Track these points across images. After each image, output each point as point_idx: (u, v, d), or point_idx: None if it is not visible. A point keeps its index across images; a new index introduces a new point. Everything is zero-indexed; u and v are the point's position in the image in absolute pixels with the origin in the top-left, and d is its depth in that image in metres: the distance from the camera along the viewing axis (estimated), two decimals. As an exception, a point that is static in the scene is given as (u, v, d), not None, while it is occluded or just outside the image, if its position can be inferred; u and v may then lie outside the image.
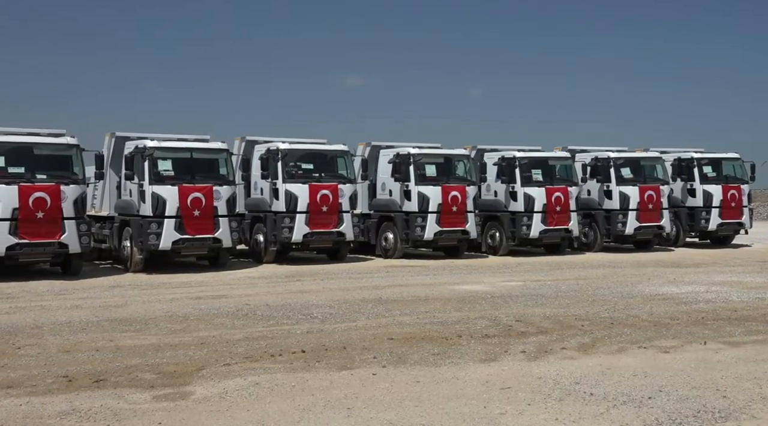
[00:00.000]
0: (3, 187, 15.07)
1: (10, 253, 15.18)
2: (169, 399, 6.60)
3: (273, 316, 11.05)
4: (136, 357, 8.19)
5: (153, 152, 16.93)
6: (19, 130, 16.38)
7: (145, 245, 16.77)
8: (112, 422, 5.91)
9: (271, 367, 7.77)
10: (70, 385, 7.01)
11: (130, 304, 12.24)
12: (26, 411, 6.16)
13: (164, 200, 16.77)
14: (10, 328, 9.93)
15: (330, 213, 18.87)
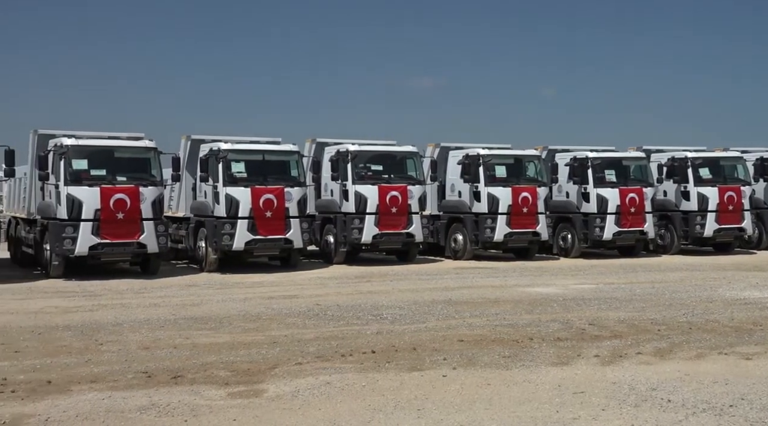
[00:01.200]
0: (86, 189, 15.69)
1: (92, 253, 15.80)
2: (243, 396, 6.74)
3: (343, 316, 11.15)
4: (211, 355, 8.40)
5: (227, 154, 17.33)
6: (101, 134, 17.04)
7: (219, 245, 17.18)
8: (189, 418, 6.07)
9: (342, 366, 7.85)
10: (149, 380, 7.24)
11: (205, 303, 12.55)
12: (108, 405, 6.39)
13: (237, 202, 17.14)
14: (93, 324, 10.32)
15: (399, 214, 18.92)
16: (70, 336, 9.48)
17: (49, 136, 16.94)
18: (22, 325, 10.26)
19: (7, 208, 20.69)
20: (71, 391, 6.79)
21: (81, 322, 10.47)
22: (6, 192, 20.71)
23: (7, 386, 6.90)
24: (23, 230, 18.62)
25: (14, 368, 7.64)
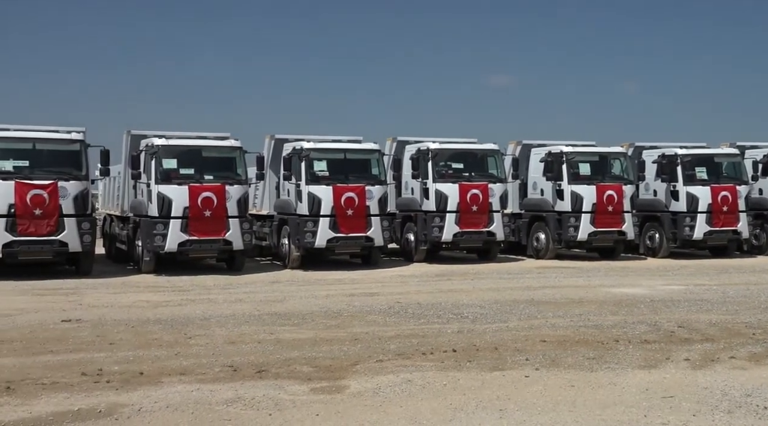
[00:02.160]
0: (175, 187, 16.23)
1: (181, 249, 16.33)
2: (326, 392, 6.83)
3: (424, 314, 11.15)
4: (294, 350, 8.54)
5: (309, 153, 17.60)
6: (189, 134, 17.59)
7: (301, 243, 17.47)
8: (274, 411, 6.20)
9: (423, 365, 7.85)
10: (235, 374, 7.42)
11: (288, 300, 12.79)
12: (197, 397, 6.60)
13: (319, 200, 17.39)
14: (182, 319, 10.67)
15: (480, 212, 18.78)
16: (160, 329, 9.83)
17: (141, 136, 17.61)
18: (116, 318, 10.70)
19: (103, 206, 21.64)
20: (162, 383, 7.04)
21: (170, 316, 10.84)
22: (101, 190, 21.65)
23: (103, 376, 7.21)
24: (117, 227, 19.44)
25: (109, 359, 7.98)
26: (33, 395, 6.55)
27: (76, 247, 15.53)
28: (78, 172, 15.80)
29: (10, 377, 7.11)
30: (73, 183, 15.55)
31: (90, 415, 6.01)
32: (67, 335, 9.35)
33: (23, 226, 15.02)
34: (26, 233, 15.06)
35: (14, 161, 15.45)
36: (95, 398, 6.48)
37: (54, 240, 15.29)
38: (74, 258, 16.15)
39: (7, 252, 15.17)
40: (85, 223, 15.66)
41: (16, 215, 14.99)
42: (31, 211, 15.02)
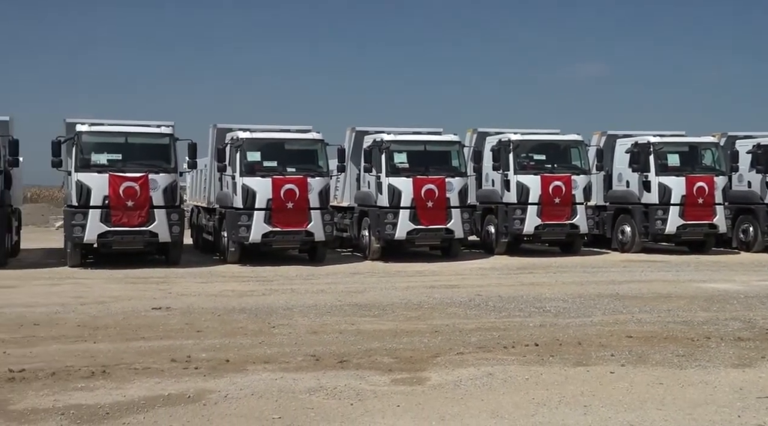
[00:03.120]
0: (259, 179, 16.58)
1: (265, 240, 16.69)
2: (407, 383, 6.84)
3: (505, 307, 11.03)
4: (375, 341, 8.60)
5: (389, 145, 17.65)
6: (273, 128, 17.93)
7: (382, 235, 17.56)
8: (355, 401, 6.26)
9: (504, 358, 7.76)
10: (318, 364, 7.53)
11: (369, 291, 12.88)
12: (280, 385, 6.73)
13: (399, 192, 17.43)
14: (266, 308, 10.91)
15: (563, 205, 18.42)
16: (245, 318, 10.07)
17: (226, 130, 18.06)
18: (203, 306, 11.03)
19: (190, 198, 22.33)
20: (247, 371, 7.21)
21: (255, 306, 11.09)
22: (189, 183, 22.34)
23: (191, 363, 7.45)
24: (204, 218, 20.03)
25: (197, 347, 8.23)
26: (126, 379, 6.83)
27: (166, 237, 16.08)
28: (167, 165, 16.35)
29: (106, 362, 7.44)
30: (163, 175, 16.09)
31: (180, 400, 6.21)
32: (157, 322, 9.70)
33: (116, 217, 15.65)
34: (119, 224, 15.69)
35: (108, 155, 16.09)
36: (184, 384, 6.70)
37: (145, 231, 15.88)
38: (164, 248, 16.73)
39: (102, 242, 15.87)
40: (174, 214, 16.19)
41: (110, 207, 15.63)
42: (123, 202, 15.63)
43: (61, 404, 6.04)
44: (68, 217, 16.02)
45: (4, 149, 16.07)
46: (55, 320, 9.78)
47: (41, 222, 32.66)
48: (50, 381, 6.71)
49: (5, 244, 16.29)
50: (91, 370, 7.09)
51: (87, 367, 7.18)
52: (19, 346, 8.14)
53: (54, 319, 9.83)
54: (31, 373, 6.93)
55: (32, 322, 9.61)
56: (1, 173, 15.93)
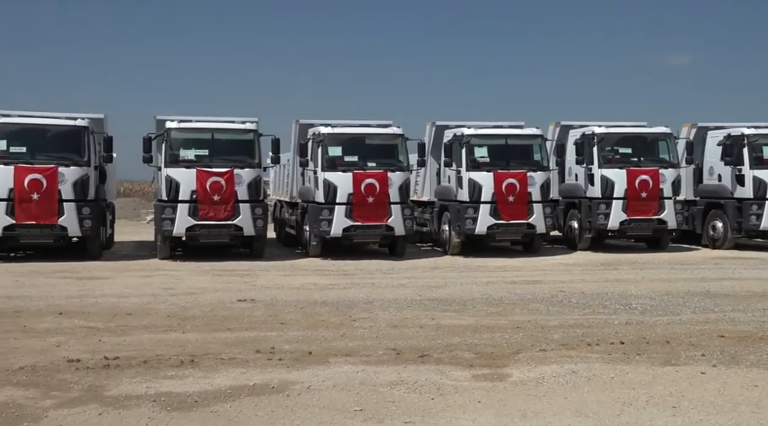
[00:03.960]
0: (340, 174, 16.76)
1: (345, 234, 16.88)
2: (488, 379, 6.79)
3: (589, 304, 10.79)
4: (455, 336, 8.57)
5: (470, 139, 17.53)
6: (353, 122, 18.10)
7: (462, 229, 17.47)
8: (436, 396, 6.25)
9: (588, 356, 7.60)
10: (398, 357, 7.56)
11: (449, 286, 12.84)
12: (362, 378, 6.79)
13: (480, 186, 17.30)
14: (347, 301, 11.03)
15: (650, 199, 17.88)
16: (327, 311, 10.21)
17: (308, 125, 18.34)
18: (286, 299, 11.25)
19: (273, 192, 22.79)
20: (329, 363, 7.31)
21: (336, 299, 11.23)
22: (272, 177, 22.79)
23: (275, 354, 7.60)
24: (286, 212, 20.41)
25: (280, 338, 8.40)
26: (213, 369, 7.03)
27: (250, 231, 16.48)
28: (251, 160, 16.74)
29: (194, 351, 7.68)
30: (248, 170, 16.48)
31: (264, 391, 6.36)
32: (242, 314, 9.95)
33: (203, 211, 16.14)
34: (206, 218, 16.17)
35: (196, 150, 16.59)
36: (268, 374, 6.85)
37: (230, 224, 16.32)
38: (248, 241, 17.14)
39: (190, 235, 16.40)
40: (258, 208, 16.56)
41: (198, 201, 16.12)
42: (210, 197, 16.10)
43: (152, 391, 6.28)
44: (158, 211, 16.61)
45: (99, 146, 16.81)
46: (147, 310, 10.17)
47: (133, 216, 34.02)
48: (142, 369, 6.98)
49: (100, 237, 17.03)
50: (181, 359, 7.34)
51: (176, 356, 7.43)
52: (113, 335, 8.50)
53: (145, 310, 10.22)
54: (125, 361, 7.22)
55: (125, 311, 10.02)
56: (97, 169, 16.65)
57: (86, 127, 16.33)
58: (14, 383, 6.47)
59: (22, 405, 5.88)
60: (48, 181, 15.54)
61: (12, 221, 15.53)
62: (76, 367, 6.96)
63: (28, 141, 16.06)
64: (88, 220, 15.96)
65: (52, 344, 7.96)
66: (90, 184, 16.15)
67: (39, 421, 5.56)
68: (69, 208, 15.77)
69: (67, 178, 15.76)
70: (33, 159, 15.82)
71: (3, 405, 5.86)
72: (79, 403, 5.96)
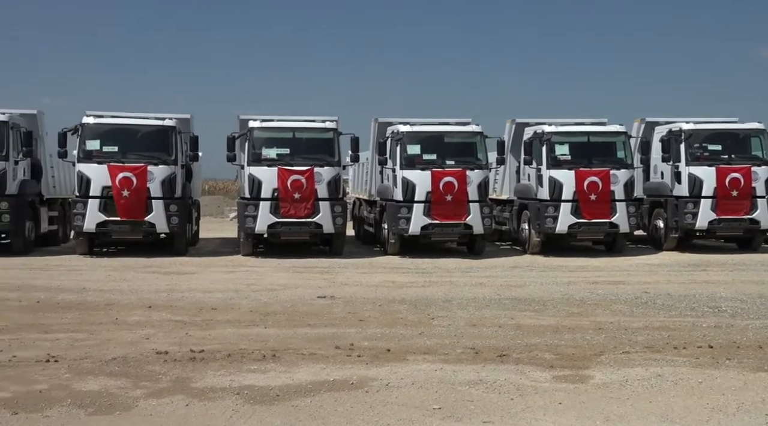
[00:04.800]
0: (419, 172, 16.78)
1: (424, 233, 16.89)
2: (569, 381, 6.67)
3: (675, 306, 10.45)
4: (535, 336, 8.45)
5: (551, 137, 17.24)
6: (432, 121, 18.09)
7: (542, 228, 17.21)
8: (515, 396, 6.19)
9: (675, 360, 7.36)
10: (477, 357, 7.51)
11: (528, 285, 12.68)
12: (440, 376, 6.78)
13: (561, 184, 17.00)
14: (425, 300, 11.03)
15: (741, 198, 17.17)
16: (405, 309, 10.25)
17: (387, 123, 18.43)
18: (365, 296, 11.34)
19: (352, 191, 23.02)
20: (407, 361, 7.33)
21: (415, 297, 11.25)
22: (351, 175, 23.03)
23: (354, 351, 7.68)
24: (365, 210, 20.58)
25: (359, 335, 8.48)
26: (294, 364, 7.16)
27: (330, 228, 16.69)
28: (331, 158, 16.95)
29: (275, 346, 7.84)
30: (327, 169, 16.70)
31: (344, 386, 6.43)
32: (322, 311, 10.09)
33: (285, 209, 16.45)
34: (287, 215, 16.48)
35: (277, 149, 16.93)
36: (348, 371, 6.93)
37: (310, 222, 16.57)
38: (328, 239, 17.37)
39: (271, 232, 16.75)
40: (338, 206, 16.76)
41: (279, 199, 16.45)
42: (291, 195, 16.39)
43: (236, 384, 6.45)
44: (241, 208, 17.02)
45: (185, 145, 17.36)
46: (230, 305, 10.44)
47: (217, 213, 34.99)
48: (226, 362, 7.18)
49: (186, 234, 17.59)
50: (263, 353, 7.51)
51: (259, 351, 7.60)
52: (199, 329, 8.77)
53: (229, 305, 10.50)
54: (210, 354, 7.44)
55: (210, 306, 10.32)
56: (183, 167, 17.20)
57: (174, 126, 16.89)
58: (107, 373, 6.76)
59: (115, 394, 6.14)
60: (138, 180, 16.15)
61: (104, 218, 16.22)
62: (164, 360, 7.22)
63: (119, 141, 16.73)
64: (175, 217, 16.51)
65: (142, 336, 8.28)
66: (177, 182, 16.69)
67: (130, 410, 5.80)
68: (157, 206, 16.35)
69: (155, 176, 16.34)
70: (124, 158, 16.47)
71: (97, 394, 6.14)
72: (167, 393, 6.17)
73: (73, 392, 6.16)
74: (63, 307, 10.11)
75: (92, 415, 5.67)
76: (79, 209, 16.20)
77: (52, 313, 9.65)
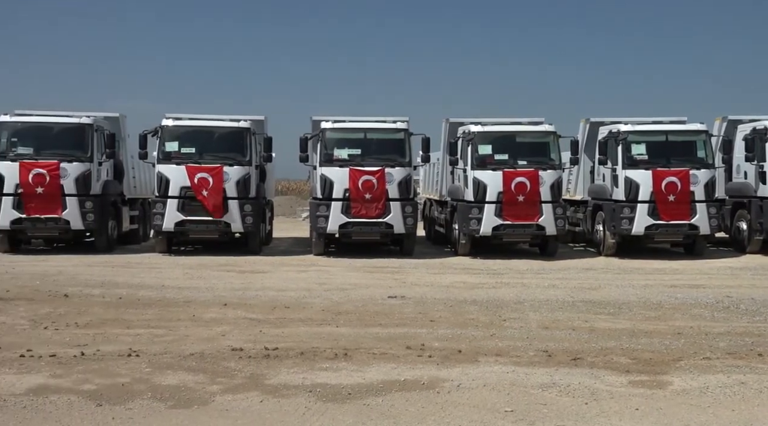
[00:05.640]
0: (490, 172, 16.65)
1: (495, 233, 16.74)
2: (646, 386, 6.50)
3: (760, 311, 10.05)
4: (610, 340, 8.27)
5: (627, 136, 16.84)
6: (504, 120, 17.92)
7: (617, 229, 16.82)
8: (590, 401, 6.06)
9: (760, 367, 7.08)
10: (550, 360, 7.40)
11: (603, 287, 12.41)
12: (512, 379, 6.71)
13: (637, 185, 16.58)
14: (496, 301, 10.93)
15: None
16: (476, 310, 10.18)
17: (458, 124, 18.35)
18: (435, 297, 11.32)
19: (423, 191, 23.01)
20: (479, 362, 7.28)
21: (486, 298, 11.16)
22: (422, 176, 23.03)
23: (425, 351, 7.68)
24: (436, 211, 20.54)
25: (430, 336, 8.46)
26: (365, 363, 7.21)
27: (400, 229, 16.73)
28: (402, 158, 16.99)
29: (347, 345, 7.91)
30: (398, 169, 16.75)
31: (414, 386, 6.44)
32: (392, 310, 10.12)
33: (356, 209, 16.58)
34: (358, 215, 16.60)
35: (349, 150, 17.08)
36: (419, 371, 6.93)
37: (381, 222, 16.65)
38: (398, 239, 17.41)
39: (343, 232, 16.91)
40: (408, 206, 16.78)
41: (350, 199, 16.58)
42: (362, 195, 16.51)
43: (309, 382, 6.54)
44: (313, 208, 17.24)
45: (259, 146, 17.70)
46: (303, 304, 10.59)
47: (289, 213, 35.54)
48: (299, 360, 7.29)
49: (260, 234, 17.93)
50: (335, 352, 7.59)
51: (331, 349, 7.69)
52: (273, 327, 8.93)
53: (301, 303, 10.65)
54: (283, 352, 7.57)
55: (283, 305, 10.49)
56: (257, 168, 17.54)
57: (248, 128, 17.24)
58: (185, 368, 6.96)
59: (192, 389, 6.32)
60: (214, 180, 16.56)
61: (183, 217, 16.69)
62: (239, 356, 7.38)
63: (197, 142, 17.19)
64: (250, 217, 16.85)
65: (218, 333, 8.49)
66: (251, 182, 17.04)
67: (207, 404, 5.95)
68: (232, 205, 16.72)
69: (231, 176, 16.71)
70: (201, 159, 16.92)
71: (176, 388, 6.33)
72: (242, 389, 6.31)
73: (153, 386, 6.37)
74: (144, 304, 10.46)
75: (171, 408, 5.84)
76: (159, 209, 16.72)
77: (133, 309, 10.00)
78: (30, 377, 6.57)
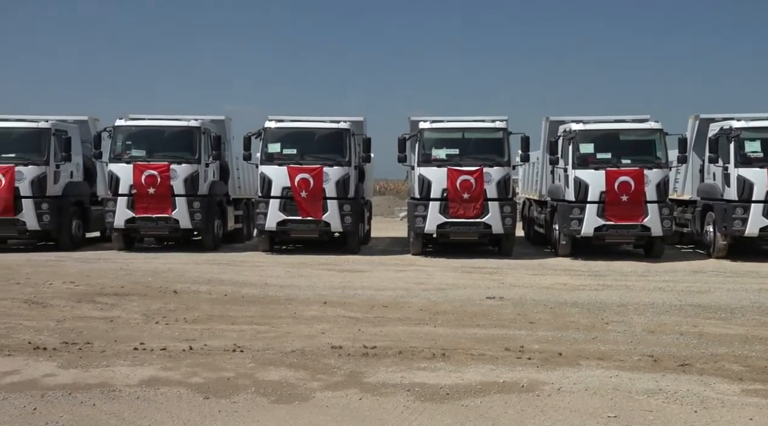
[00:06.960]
0: (592, 172, 16.22)
1: (597, 234, 16.31)
2: (761, 395, 6.17)
3: None
4: (721, 346, 7.90)
5: (740, 133, 16.03)
6: (607, 118, 17.43)
7: (729, 231, 16.04)
8: (699, 409, 5.82)
9: None
10: (656, 365, 7.14)
11: (713, 291, 11.86)
12: (615, 383, 6.52)
13: (751, 184, 15.75)
14: (598, 303, 10.65)
15: None
16: (577, 312, 9.95)
17: (558, 122, 17.99)
18: (535, 298, 11.13)
19: (522, 191, 22.68)
20: (580, 366, 7.12)
21: (587, 300, 10.89)
22: (521, 175, 22.71)
23: (524, 353, 7.57)
24: (535, 211, 20.20)
25: (530, 338, 8.34)
26: (463, 363, 7.18)
27: (499, 229, 16.56)
28: (501, 158, 16.81)
29: (445, 345, 7.90)
30: (497, 169, 16.58)
31: (513, 389, 6.36)
32: (491, 311, 10.03)
33: (454, 209, 16.53)
34: (456, 215, 16.55)
35: (447, 149, 17.05)
36: (518, 373, 6.84)
37: (479, 222, 16.53)
38: (497, 239, 17.23)
39: (441, 232, 16.89)
40: (507, 206, 16.58)
41: (448, 199, 16.55)
42: (460, 195, 16.44)
43: (407, 381, 6.57)
44: (411, 208, 17.29)
45: (358, 147, 17.93)
46: (400, 303, 10.65)
47: (387, 213, 35.81)
48: (397, 359, 7.33)
49: (359, 233, 18.14)
50: (433, 352, 7.59)
51: (429, 349, 7.70)
52: (371, 325, 9.03)
53: (399, 303, 10.71)
54: (382, 351, 7.64)
55: (382, 304, 10.59)
56: (356, 168, 17.77)
57: (347, 129, 17.49)
58: (287, 364, 7.14)
59: (294, 384, 6.47)
60: (314, 181, 16.90)
61: (284, 217, 17.11)
62: (339, 354, 7.50)
63: (298, 143, 17.58)
64: (349, 216, 17.09)
65: (318, 331, 8.65)
66: (350, 182, 17.28)
67: (308, 400, 6.08)
68: (332, 206, 17.01)
69: (330, 177, 17.01)
70: (302, 160, 17.29)
71: (278, 383, 6.50)
72: (342, 387, 6.42)
73: (256, 381, 6.57)
74: (247, 301, 10.80)
75: (274, 403, 6.01)
76: (262, 209, 17.20)
77: (237, 306, 10.34)
78: (142, 369, 6.91)
